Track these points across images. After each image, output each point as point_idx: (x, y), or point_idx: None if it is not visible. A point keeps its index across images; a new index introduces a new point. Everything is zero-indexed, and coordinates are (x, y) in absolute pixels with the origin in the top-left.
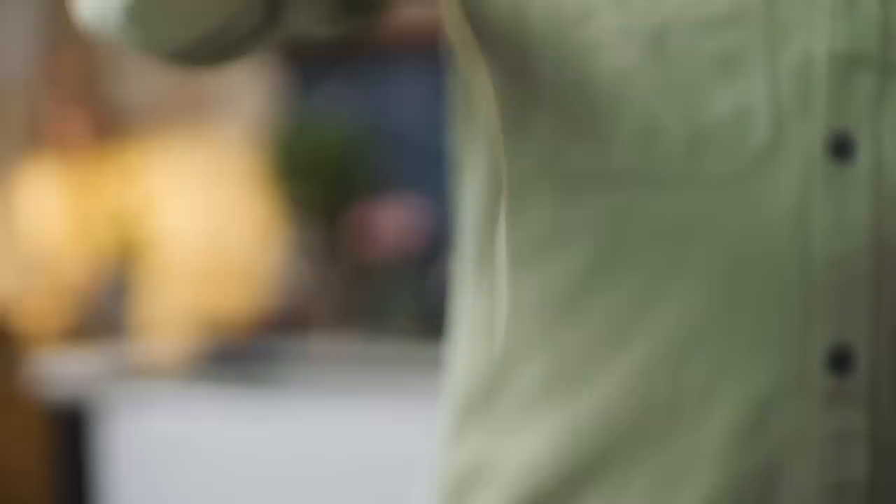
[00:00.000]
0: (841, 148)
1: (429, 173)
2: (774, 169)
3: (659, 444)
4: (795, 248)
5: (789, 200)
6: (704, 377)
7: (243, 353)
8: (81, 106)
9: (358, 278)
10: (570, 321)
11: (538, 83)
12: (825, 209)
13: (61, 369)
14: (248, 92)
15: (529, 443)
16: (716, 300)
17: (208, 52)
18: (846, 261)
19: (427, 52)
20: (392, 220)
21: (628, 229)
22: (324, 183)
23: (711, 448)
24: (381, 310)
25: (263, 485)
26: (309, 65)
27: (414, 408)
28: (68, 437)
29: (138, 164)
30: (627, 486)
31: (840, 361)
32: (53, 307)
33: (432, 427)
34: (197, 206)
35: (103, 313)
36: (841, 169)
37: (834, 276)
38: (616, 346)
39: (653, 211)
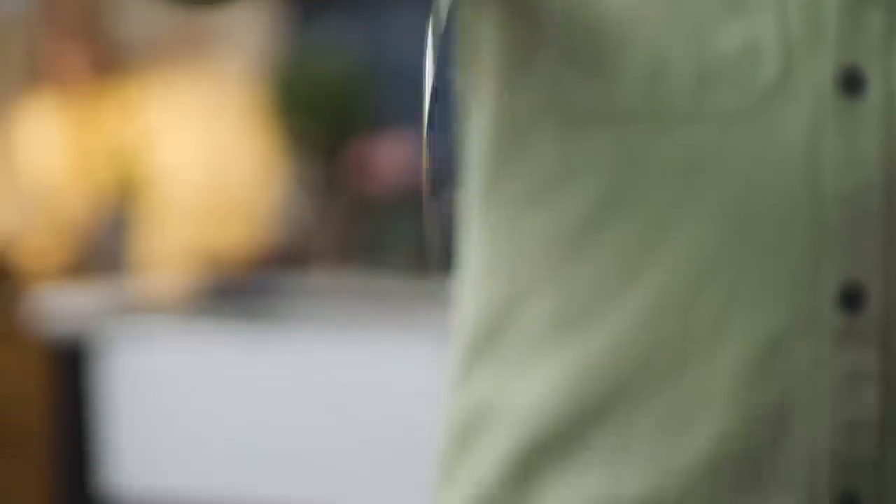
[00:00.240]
0: (851, 83)
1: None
2: (784, 105)
3: (669, 382)
4: (805, 185)
5: (799, 137)
6: (715, 314)
7: (243, 288)
8: (81, 42)
9: (357, 213)
10: (578, 258)
11: (544, 18)
12: (835, 145)
13: (61, 305)
14: (248, 27)
15: (538, 382)
16: (726, 237)
17: None
18: (857, 197)
19: None
20: (391, 156)
21: (636, 166)
22: (324, 118)
23: (722, 386)
24: (379, 244)
25: (263, 418)
26: (309, 0)
27: (412, 341)
28: (68, 373)
29: (138, 99)
30: (637, 425)
31: (851, 299)
32: (53, 243)
33: (431, 360)
34: (197, 141)
35: (103, 249)
36: (851, 105)
37: (845, 212)
38: (625, 282)
39: (661, 148)
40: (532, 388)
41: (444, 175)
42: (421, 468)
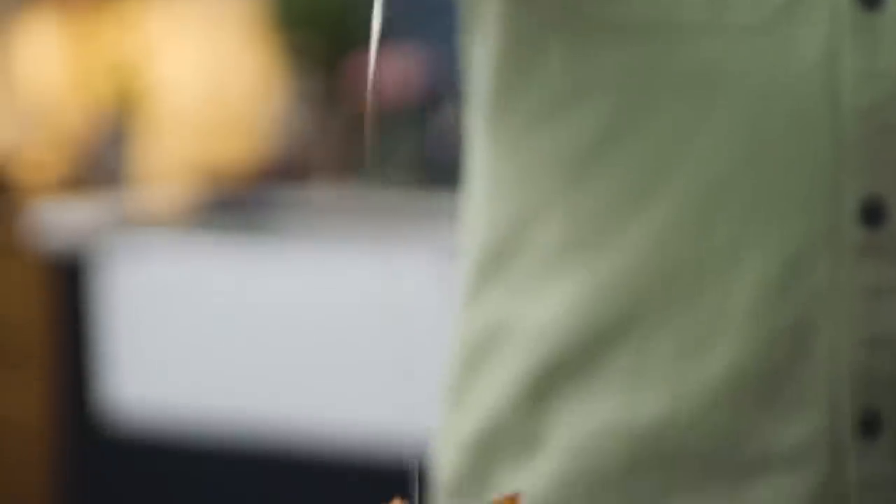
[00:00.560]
0: None
1: (430, 22)
2: (801, 17)
3: (686, 303)
4: (824, 99)
5: (817, 49)
6: (732, 233)
7: (242, 201)
8: None
9: (357, 127)
10: (589, 178)
11: None
12: (854, 58)
13: (60, 219)
14: None
15: (549, 305)
16: (742, 153)
17: None
18: (876, 111)
19: None
20: (392, 69)
21: (649, 81)
22: (324, 31)
23: (741, 306)
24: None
25: (261, 333)
26: None
27: (412, 256)
28: (67, 287)
29: (137, 12)
30: (653, 347)
31: (872, 214)
32: (52, 157)
33: (430, 276)
34: (196, 54)
35: (102, 163)
36: (870, 16)
37: (864, 126)
38: (638, 202)
39: (675, 62)
40: (544, 310)
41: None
42: (422, 384)
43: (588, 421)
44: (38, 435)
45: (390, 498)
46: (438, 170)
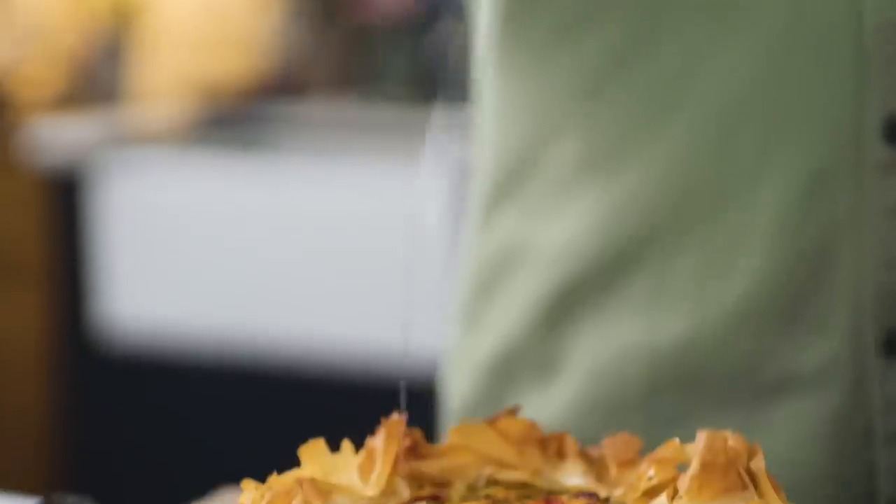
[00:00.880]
0: None
1: None
2: None
3: (707, 224)
4: (846, 16)
5: None
6: (754, 151)
7: (239, 117)
8: None
9: (354, 42)
10: (605, 100)
11: None
12: None
13: (57, 136)
14: None
15: (565, 226)
16: (764, 70)
17: None
18: None
19: None
20: None
21: (662, 2)
22: None
23: (762, 225)
24: (376, 74)
25: (258, 248)
26: None
27: (408, 172)
28: (64, 204)
29: None
30: (674, 270)
31: (894, 132)
32: (49, 74)
33: (426, 191)
34: None
35: (99, 79)
36: None
37: (886, 44)
38: (657, 120)
39: None
40: (560, 231)
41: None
42: (419, 299)
43: (607, 344)
44: (35, 351)
45: (386, 413)
46: (436, 84)
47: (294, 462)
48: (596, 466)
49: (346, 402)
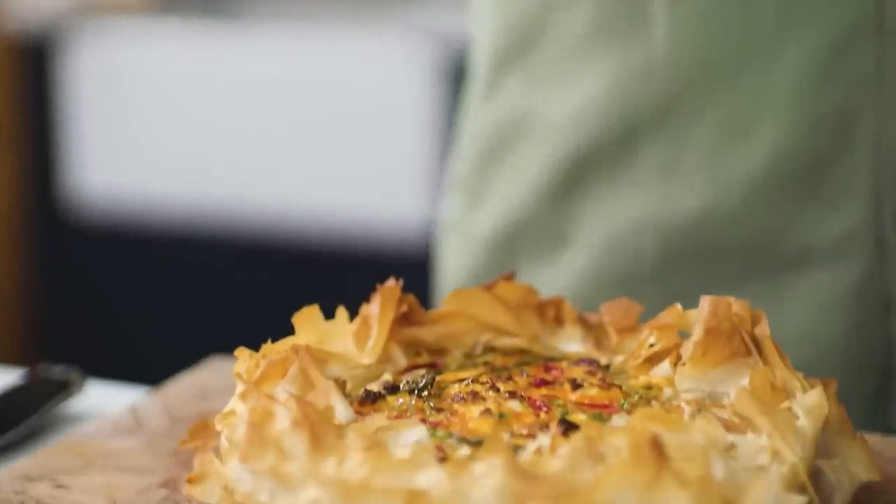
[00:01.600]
0: None
1: None
2: None
3: (727, 89)
4: None
5: None
6: (775, 16)
7: None
8: None
9: None
10: None
11: None
12: None
13: (25, 2)
14: None
15: (577, 94)
16: None
17: None
18: None
19: None
20: None
21: None
22: None
23: (784, 89)
24: None
25: (228, 118)
26: None
27: (377, 39)
28: (33, 71)
29: None
30: (692, 138)
31: None
32: None
33: (405, 58)
34: None
35: None
36: None
37: None
38: None
39: None
40: (572, 99)
41: None
42: (395, 170)
43: (620, 216)
44: (5, 219)
45: (370, 284)
46: None
47: (277, 333)
48: (595, 333)
49: (326, 272)
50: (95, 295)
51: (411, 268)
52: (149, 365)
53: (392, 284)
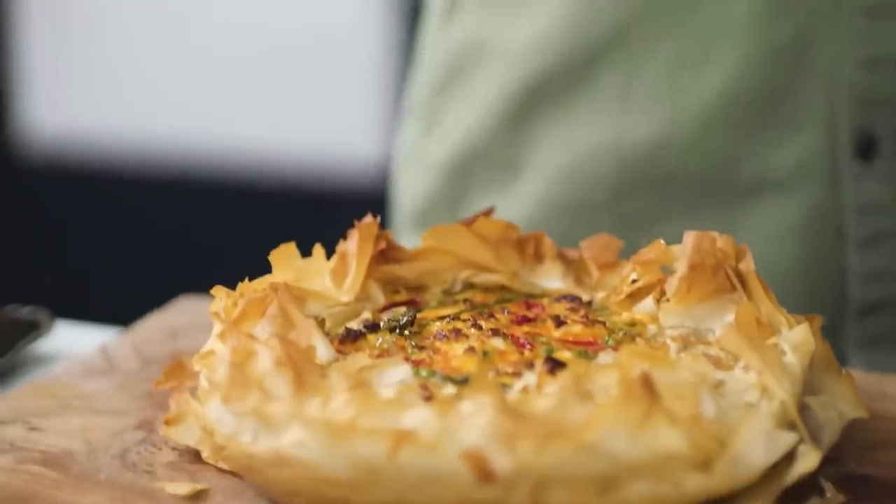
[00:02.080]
0: None
1: None
2: None
3: (684, 16)
4: None
5: None
6: None
7: None
8: None
9: None
10: None
11: None
12: None
13: None
14: None
15: (533, 20)
16: None
17: None
18: None
19: None
20: None
21: None
22: None
23: (740, 18)
24: None
25: (180, 49)
26: None
27: None
28: None
29: None
30: (648, 65)
31: None
32: None
33: None
34: None
35: None
36: None
37: None
38: None
39: None
40: (529, 26)
41: None
42: (353, 101)
43: (576, 142)
44: None
45: (330, 219)
46: None
47: (238, 271)
48: (575, 269)
49: (286, 209)
50: (57, 236)
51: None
52: (116, 306)
53: (370, 221)
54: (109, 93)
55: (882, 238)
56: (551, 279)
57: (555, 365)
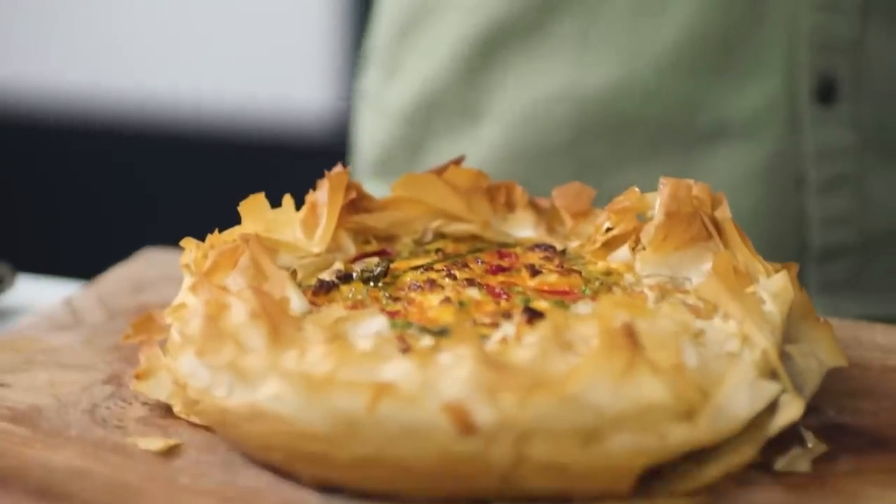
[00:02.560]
0: None
1: None
2: None
3: None
4: None
5: None
6: None
7: None
8: None
9: None
10: None
11: None
12: None
13: None
14: None
15: None
16: None
17: None
18: None
19: None
20: None
21: None
22: None
23: None
24: None
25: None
26: None
27: None
28: None
29: None
30: (606, 10)
31: None
32: None
33: None
34: None
35: None
36: None
37: None
38: None
39: None
40: None
41: None
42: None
43: (534, 88)
44: None
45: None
46: None
47: (203, 222)
48: (546, 217)
49: (245, 160)
50: (17, 189)
51: (327, 153)
52: (79, 259)
53: (340, 170)
54: (73, 46)
55: (841, 182)
56: (523, 228)
57: (533, 315)
